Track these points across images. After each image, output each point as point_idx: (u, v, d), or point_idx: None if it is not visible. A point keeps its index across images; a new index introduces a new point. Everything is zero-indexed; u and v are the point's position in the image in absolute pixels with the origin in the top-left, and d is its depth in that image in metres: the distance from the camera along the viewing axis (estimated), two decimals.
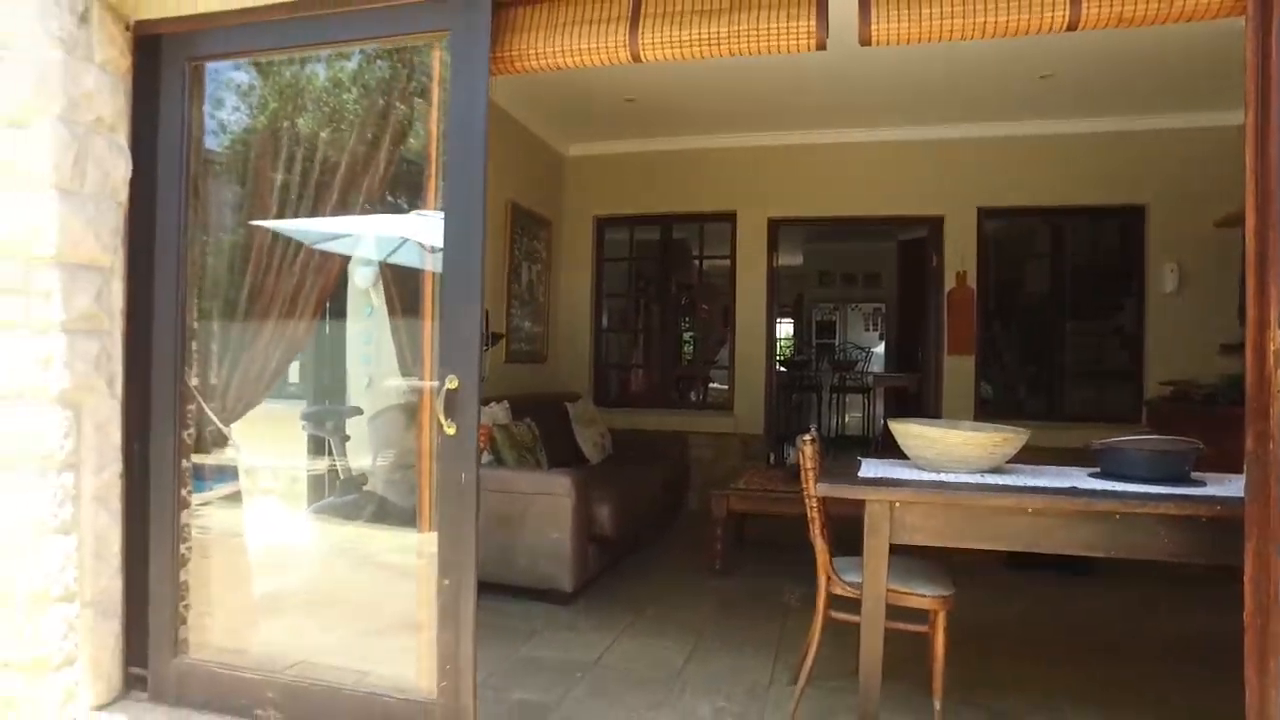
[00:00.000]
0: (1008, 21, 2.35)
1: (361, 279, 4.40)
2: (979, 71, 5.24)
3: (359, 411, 4.07)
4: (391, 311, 4.42)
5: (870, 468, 2.96)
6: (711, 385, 7.78)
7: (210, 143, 3.14)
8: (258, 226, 3.11)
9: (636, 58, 2.58)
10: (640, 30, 2.54)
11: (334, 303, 4.34)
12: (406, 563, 3.78)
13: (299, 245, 3.06)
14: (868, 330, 12.59)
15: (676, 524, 6.23)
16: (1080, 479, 2.71)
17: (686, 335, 9.02)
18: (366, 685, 2.77)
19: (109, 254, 2.84)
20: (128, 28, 2.93)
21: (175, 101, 2.94)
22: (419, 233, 3.67)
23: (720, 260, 7.17)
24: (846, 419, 10.95)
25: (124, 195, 2.91)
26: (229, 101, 3.27)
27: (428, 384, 2.62)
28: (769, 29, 2.47)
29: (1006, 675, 3.38)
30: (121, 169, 2.88)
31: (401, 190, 3.31)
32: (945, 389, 6.42)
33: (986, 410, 6.26)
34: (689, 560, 5.22)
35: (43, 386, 2.65)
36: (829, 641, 2.98)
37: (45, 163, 2.63)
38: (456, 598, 2.51)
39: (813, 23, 2.46)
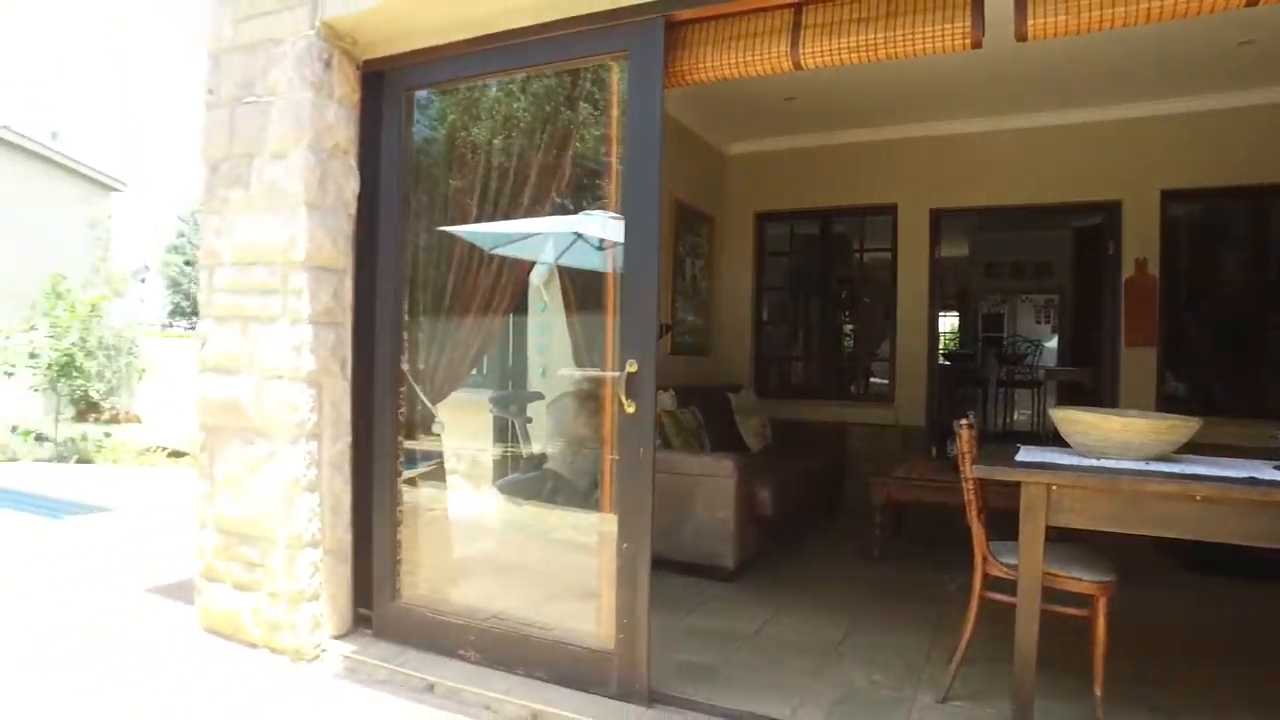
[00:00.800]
0: (1175, 4, 2.33)
1: (536, 276, 4.83)
2: (1164, 43, 4.96)
3: (540, 396, 4.49)
4: (566, 306, 4.84)
5: (1028, 454, 3.01)
6: (871, 379, 7.78)
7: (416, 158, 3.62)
8: (478, 234, 3.56)
9: (798, 66, 2.78)
10: (801, 41, 2.74)
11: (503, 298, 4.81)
12: (581, 533, 4.16)
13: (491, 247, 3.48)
14: (1039, 323, 11.97)
15: (835, 512, 6.34)
16: (1263, 470, 2.65)
17: (846, 328, 9.02)
18: (553, 635, 3.14)
19: (343, 258, 3.37)
20: (358, 67, 3.45)
21: (394, 126, 3.44)
22: (591, 228, 4.03)
23: (881, 253, 7.16)
24: (1015, 415, 10.51)
25: (353, 208, 3.43)
26: (428, 121, 3.75)
27: (610, 370, 2.93)
28: (925, 32, 2.60)
29: (1173, 673, 3.30)
30: (352, 185, 3.40)
31: (572, 193, 3.67)
32: (1123, 383, 6.13)
33: (1173, 406, 5.92)
34: (846, 547, 5.34)
35: (296, 368, 3.20)
36: (989, 625, 3.05)
37: (299, 184, 3.18)
38: (634, 560, 2.82)
39: (968, 23, 2.56)
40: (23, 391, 12.97)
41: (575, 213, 3.75)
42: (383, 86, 3.45)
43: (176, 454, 9.97)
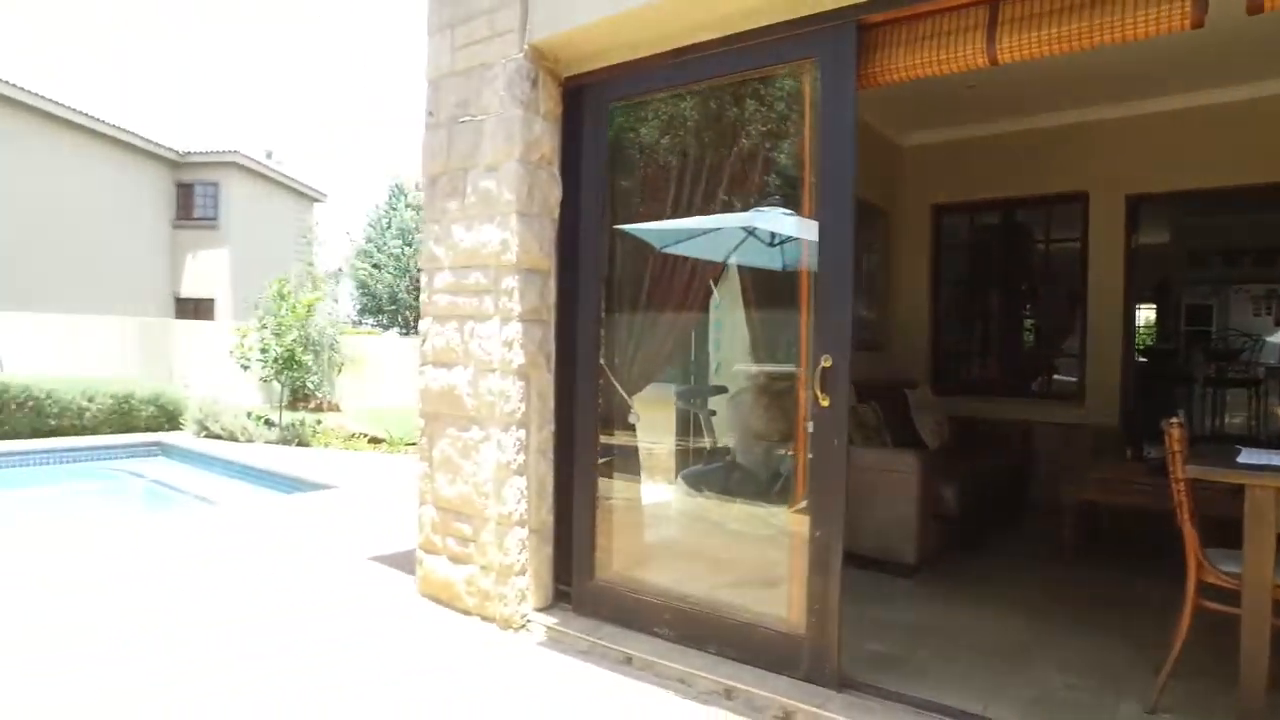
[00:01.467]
0: None
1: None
2: None
3: (723, 390, 4.66)
4: (744, 303, 4.96)
5: (1251, 455, 2.84)
6: (1055, 376, 7.39)
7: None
8: (648, 232, 3.78)
9: (994, 62, 2.77)
10: (998, 37, 2.73)
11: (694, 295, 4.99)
12: (762, 523, 4.29)
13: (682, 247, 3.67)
14: (1257, 315, 10.86)
15: (1018, 512, 6.11)
16: None
17: (1028, 323, 8.61)
18: (742, 617, 3.29)
19: (548, 260, 3.66)
20: (559, 84, 3.73)
21: (592, 136, 3.69)
22: (763, 225, 4.13)
23: (1068, 243, 6.79)
24: (1226, 416, 9.61)
25: (556, 213, 3.71)
26: (622, 130, 3.98)
27: (803, 365, 3.04)
28: (1136, 17, 2.51)
29: None
30: (556, 193, 3.69)
31: (757, 194, 3.79)
32: None
33: None
34: (1033, 547, 5.15)
35: (507, 362, 3.52)
36: (1197, 635, 2.91)
37: (510, 194, 3.50)
38: (826, 547, 2.92)
39: (1188, 2, 2.45)
40: (249, 382, 14.65)
41: (754, 211, 3.87)
42: (582, 101, 3.71)
43: (375, 440, 10.96)
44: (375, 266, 55.34)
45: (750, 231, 4.58)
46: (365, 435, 10.97)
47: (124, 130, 20.97)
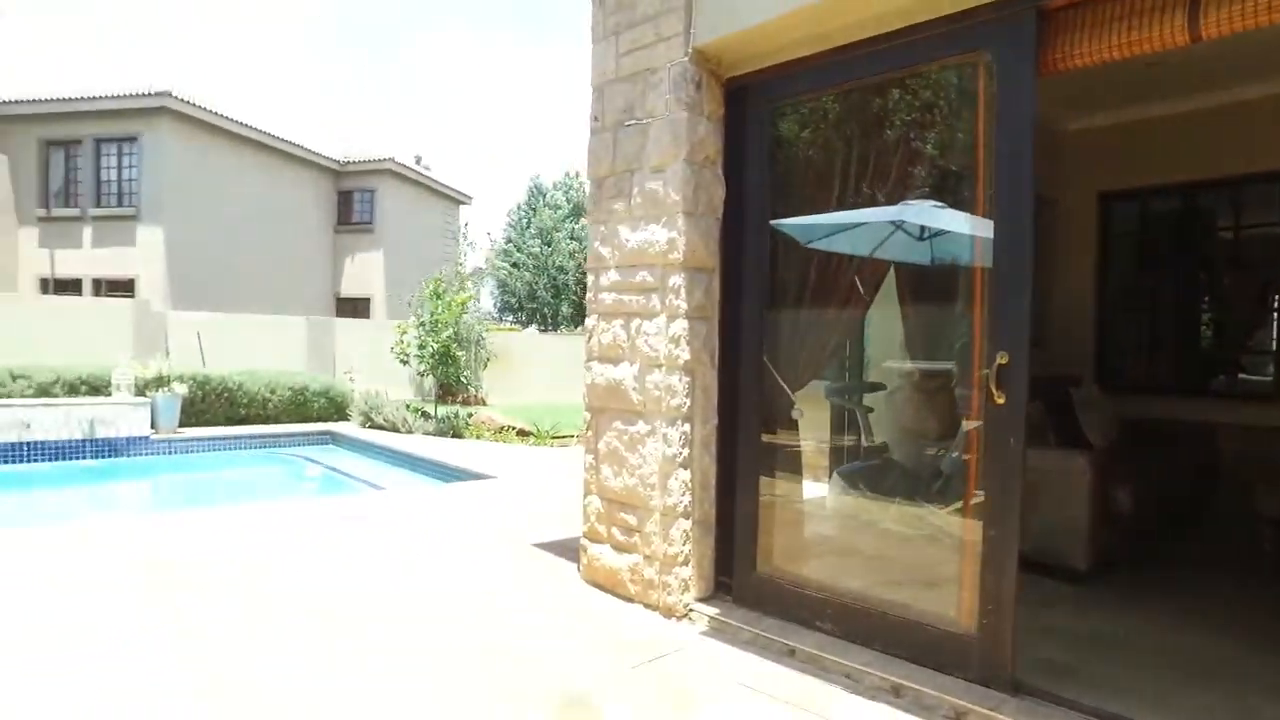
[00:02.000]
0: None
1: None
2: None
3: (880, 386, 4.61)
4: (899, 299, 4.88)
5: None
6: (1240, 374, 6.82)
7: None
8: (793, 227, 3.80)
9: (1196, 39, 2.63)
10: (1202, 12, 2.58)
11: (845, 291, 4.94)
12: (922, 522, 4.22)
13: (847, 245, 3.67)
14: None
15: (1201, 520, 5.70)
16: None
17: (1207, 316, 7.98)
18: (909, 615, 3.27)
19: (712, 258, 3.75)
20: (722, 85, 3.80)
21: (755, 136, 3.74)
22: (913, 218, 4.05)
23: (1264, 228, 6.25)
24: None
25: (720, 212, 3.79)
26: (783, 128, 4.01)
27: (976, 362, 2.99)
28: None
29: None
30: (720, 192, 3.77)
31: (921, 188, 3.73)
32: None
33: None
34: (1221, 557, 4.81)
35: (673, 358, 3.64)
36: None
37: (676, 194, 3.61)
38: (1001, 548, 2.86)
39: None
40: (401, 376, 15.56)
41: (902, 205, 3.81)
42: (744, 101, 3.77)
43: (523, 433, 11.42)
44: (515, 265, 57.35)
45: (898, 226, 4.51)
46: (514, 428, 11.46)
47: (294, 144, 22.74)
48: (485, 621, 3.64)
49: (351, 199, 24.77)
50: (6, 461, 8.53)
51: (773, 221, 3.75)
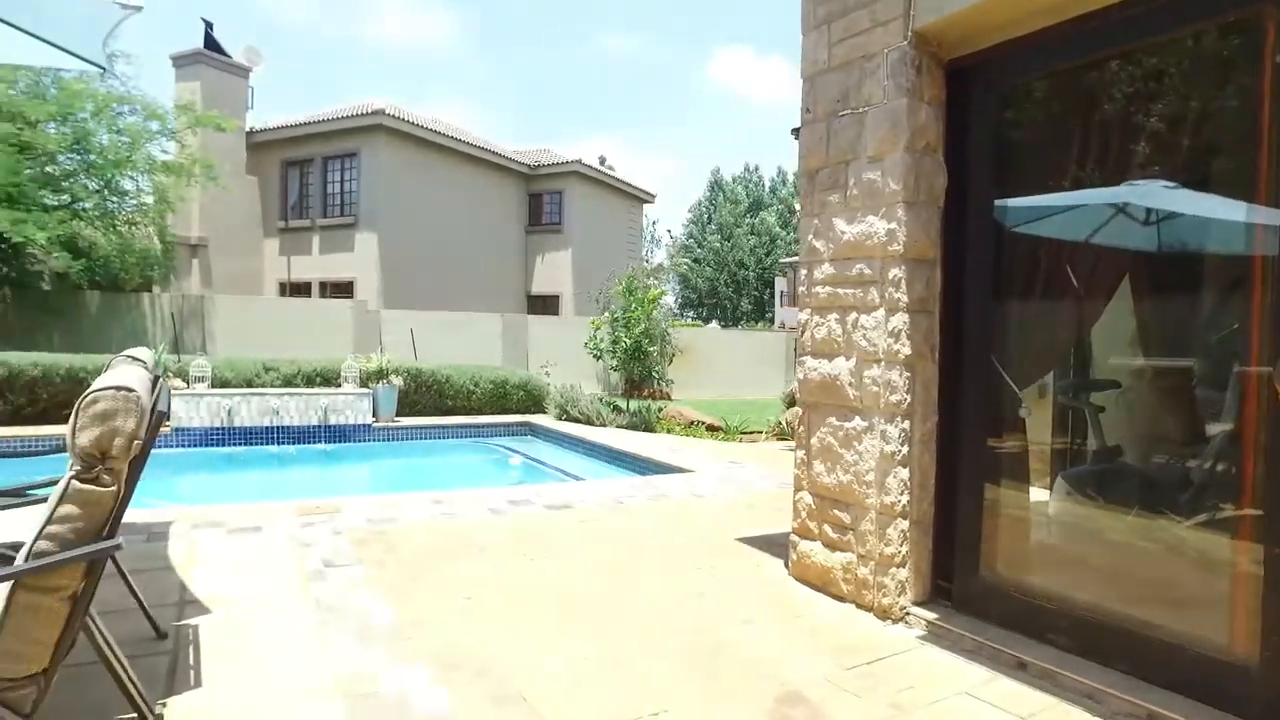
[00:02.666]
0: None
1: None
2: None
3: (1114, 385, 4.23)
4: (1134, 290, 4.44)
5: None
6: None
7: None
8: (1039, 215, 3.54)
9: None
10: None
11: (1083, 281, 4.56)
12: (1169, 533, 3.82)
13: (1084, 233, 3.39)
14: None
15: None
16: None
17: None
18: (1162, 636, 2.97)
19: (933, 249, 3.59)
20: (942, 67, 3.63)
21: (979, 118, 3.54)
22: (1139, 200, 3.66)
23: None
24: None
25: (941, 201, 3.62)
26: (1010, 110, 3.76)
27: (1254, 359, 2.67)
28: None
29: None
30: (941, 180, 3.60)
31: (1131, 165, 3.37)
32: None
33: None
34: None
35: (893, 352, 3.52)
36: None
37: (896, 184, 3.48)
38: None
39: None
40: (589, 370, 16.11)
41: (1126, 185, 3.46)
42: (967, 83, 3.58)
43: (712, 428, 11.50)
44: (696, 261, 57.69)
45: (1120, 208, 4.10)
46: (703, 423, 11.56)
47: (490, 151, 24.13)
48: (694, 614, 3.69)
49: (541, 201, 25.96)
50: (263, 443, 9.66)
51: (998, 201, 3.53)
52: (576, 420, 11.19)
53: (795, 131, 9.70)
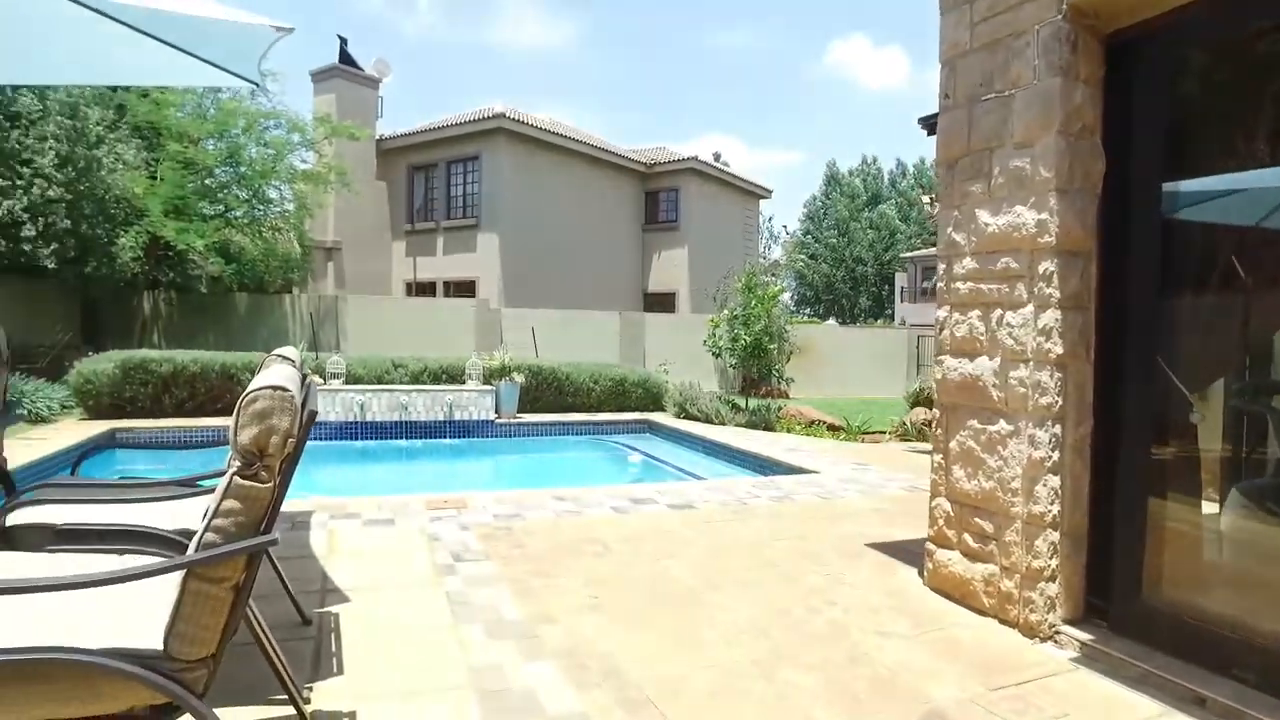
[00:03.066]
0: None
1: None
2: None
3: None
4: None
5: None
6: None
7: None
8: (1219, 202, 3.21)
9: None
10: None
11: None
12: None
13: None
14: None
15: None
16: None
17: None
18: None
19: (1089, 241, 3.32)
20: (1100, 42, 3.35)
21: (1143, 97, 3.25)
22: None
23: None
24: None
25: (1099, 189, 3.35)
26: (1179, 85, 3.43)
27: None
28: None
29: None
30: (1098, 166, 3.33)
31: None
32: None
33: None
34: None
35: (1043, 351, 3.28)
36: None
37: (1048, 171, 3.24)
38: None
39: None
40: (705, 368, 16.03)
41: None
42: (1130, 58, 3.29)
43: (834, 428, 11.21)
44: (811, 257, 56.65)
45: None
46: (824, 423, 11.28)
47: (607, 150, 24.42)
48: (828, 624, 3.56)
49: (657, 199, 26.07)
50: (392, 437, 10.09)
51: (1165, 186, 3.22)
52: (695, 418, 11.14)
53: (923, 121, 9.32)
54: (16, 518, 2.72)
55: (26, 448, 7.19)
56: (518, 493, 6.09)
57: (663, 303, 25.15)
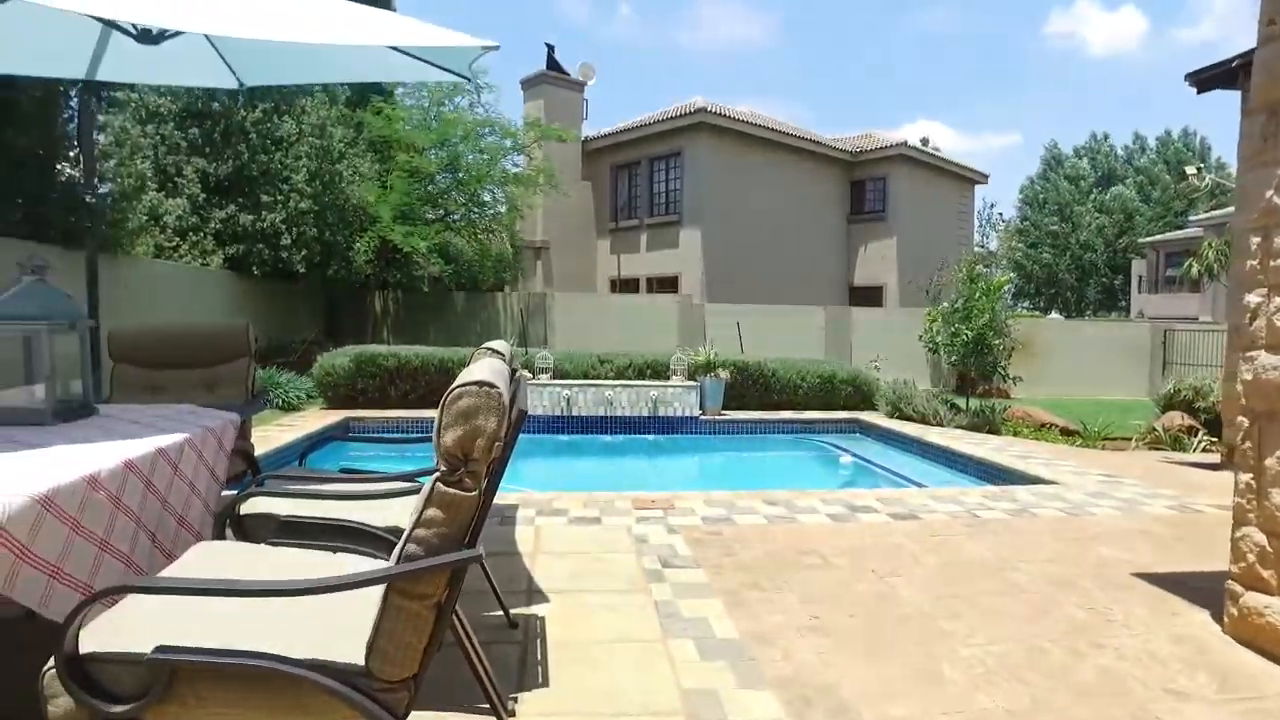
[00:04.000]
0: None
1: None
2: None
3: None
4: None
5: None
6: None
7: None
8: None
9: None
10: None
11: None
12: None
13: None
14: None
15: None
16: None
17: None
18: None
19: None
20: None
21: None
22: None
23: None
24: None
25: None
26: None
27: None
28: None
29: None
30: None
31: None
32: None
33: None
34: None
35: None
36: None
37: None
38: None
39: None
40: (917, 366, 14.99)
41: None
42: None
43: (1068, 432, 10.01)
44: (1031, 246, 52.21)
45: None
46: (1055, 426, 10.11)
47: (809, 140, 23.64)
48: (1100, 673, 2.97)
49: (864, 188, 24.88)
50: (597, 432, 10.19)
51: None
52: (909, 418, 10.33)
53: (1192, 77, 8.04)
54: (250, 506, 2.80)
55: (280, 433, 7.91)
56: (726, 494, 5.81)
57: (869, 297, 23.97)
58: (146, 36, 4.08)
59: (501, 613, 3.22)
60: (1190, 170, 21.50)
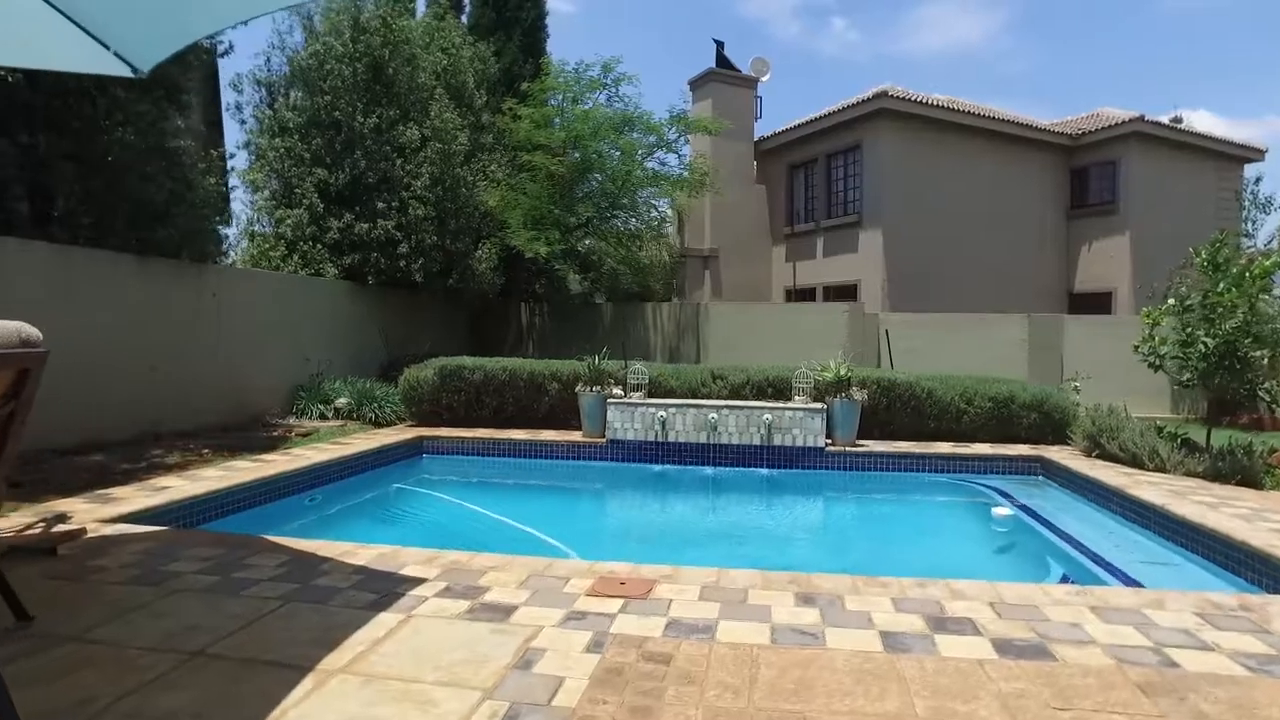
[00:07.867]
0: None
1: None
2: None
3: None
4: None
5: None
6: None
7: None
8: None
9: None
10: None
11: None
12: None
13: None
14: None
15: None
16: None
17: None
18: None
19: None
20: None
21: None
22: None
23: None
24: None
25: None
26: None
27: None
28: None
29: None
30: None
31: None
32: None
33: None
34: None
35: None
36: None
37: None
38: None
39: None
40: (1153, 385, 11.62)
41: None
42: None
43: None
44: None
45: None
46: None
47: (1013, 123, 20.21)
48: None
49: (1086, 177, 20.86)
50: (696, 463, 8.36)
51: None
52: (1115, 458, 7.49)
53: None
54: None
55: (315, 454, 6.87)
56: (751, 575, 3.85)
57: (1096, 304, 19.94)
58: None
59: None
60: None
